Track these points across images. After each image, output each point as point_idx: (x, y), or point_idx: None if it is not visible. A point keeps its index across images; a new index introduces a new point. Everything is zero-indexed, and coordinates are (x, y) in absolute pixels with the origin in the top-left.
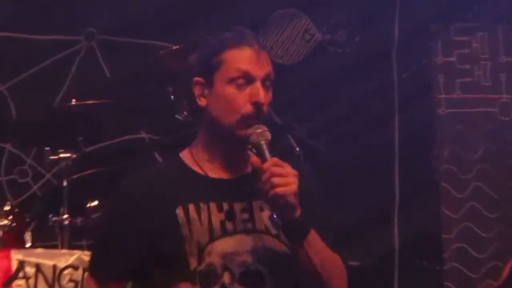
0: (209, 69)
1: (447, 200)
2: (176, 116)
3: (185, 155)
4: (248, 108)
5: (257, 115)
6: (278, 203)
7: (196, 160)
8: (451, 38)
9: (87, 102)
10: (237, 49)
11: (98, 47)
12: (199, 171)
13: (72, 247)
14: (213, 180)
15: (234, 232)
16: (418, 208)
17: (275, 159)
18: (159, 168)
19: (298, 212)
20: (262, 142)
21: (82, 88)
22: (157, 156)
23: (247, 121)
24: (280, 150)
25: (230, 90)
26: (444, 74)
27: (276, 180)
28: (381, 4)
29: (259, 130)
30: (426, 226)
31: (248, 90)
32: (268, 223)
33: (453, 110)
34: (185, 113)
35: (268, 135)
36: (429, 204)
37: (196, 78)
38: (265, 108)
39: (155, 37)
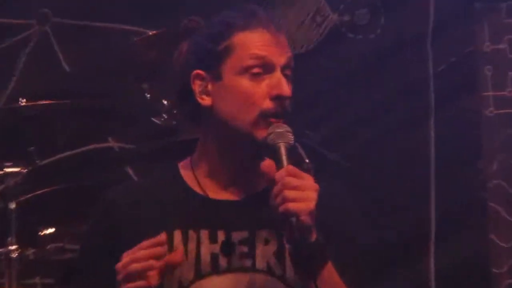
0: (214, 58)
1: (497, 225)
2: (153, 119)
3: (183, 167)
4: (268, 104)
5: (280, 113)
6: (289, 222)
7: (196, 174)
8: (501, 19)
9: (40, 102)
10: (250, 31)
11: (53, 33)
12: (197, 188)
13: (22, 286)
14: (212, 202)
15: (228, 269)
16: (459, 235)
17: (291, 168)
18: (152, 179)
19: (313, 237)
20: (281, 145)
21: (33, 84)
22: (129, 170)
23: (268, 119)
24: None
25: (245, 82)
26: (493, 65)
27: (289, 193)
28: None
29: (279, 130)
30: (471, 258)
31: (266, 81)
32: (273, 260)
33: (503, 110)
34: (165, 116)
35: (291, 138)
36: (474, 230)
37: (196, 71)
38: (289, 101)
39: (125, 20)
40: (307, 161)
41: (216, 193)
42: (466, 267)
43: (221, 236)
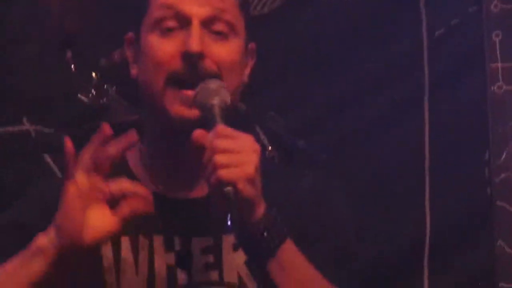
0: (136, 15)
1: (507, 229)
2: (80, 96)
3: (132, 156)
4: (177, 63)
5: (192, 77)
6: (223, 195)
7: (146, 166)
8: None
9: None
10: None
11: None
12: (147, 183)
13: None
14: (166, 200)
15: (189, 286)
16: (461, 242)
17: (221, 127)
18: None
19: (260, 210)
20: (215, 102)
21: None
22: (48, 159)
23: (179, 85)
24: None
25: (154, 38)
26: (502, 30)
27: (220, 158)
28: None
29: (211, 85)
30: (475, 269)
31: (180, 36)
32: (244, 271)
33: None
34: (94, 92)
35: (226, 94)
36: (478, 236)
37: (128, 35)
38: (208, 62)
39: None
40: (269, 148)
41: (172, 190)
42: (470, 279)
43: (178, 243)
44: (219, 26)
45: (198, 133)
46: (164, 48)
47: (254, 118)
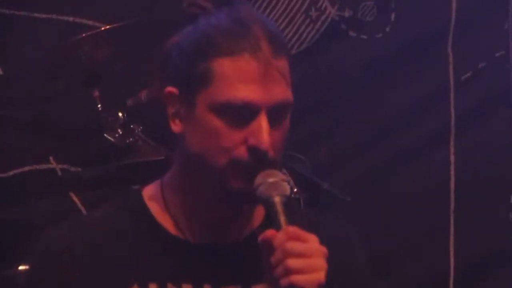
0: (189, 79)
1: None
2: (107, 136)
3: (151, 197)
4: (242, 152)
5: (257, 166)
6: None
7: (168, 208)
8: None
9: None
10: (233, 58)
11: None
12: (171, 229)
13: None
14: (193, 246)
15: None
16: (484, 282)
17: (292, 229)
18: (109, 213)
19: None
20: (276, 199)
21: None
22: (74, 198)
23: (243, 168)
24: None
25: (218, 123)
26: None
27: (293, 263)
28: None
29: (271, 179)
30: None
31: (246, 126)
32: None
33: None
34: (120, 131)
35: (286, 188)
36: (502, 276)
37: (169, 89)
38: (271, 153)
39: (67, 10)
40: (295, 190)
41: (197, 236)
42: None
43: None
44: (280, 114)
45: (269, 233)
46: (231, 137)
47: (285, 162)
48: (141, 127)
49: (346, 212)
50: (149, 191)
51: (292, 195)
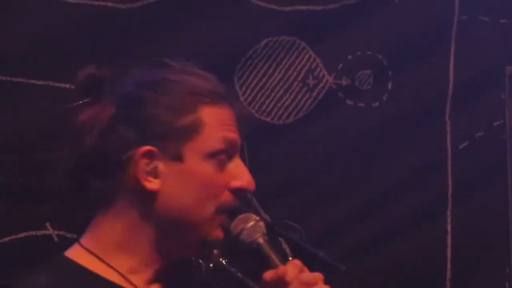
0: (175, 133)
1: None
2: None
3: (88, 261)
4: (227, 197)
5: (238, 209)
6: None
7: (115, 267)
8: None
9: None
10: (217, 107)
11: None
12: (119, 281)
13: None
14: None
15: None
16: None
17: (298, 262)
18: (52, 281)
19: None
20: (261, 240)
21: None
22: None
23: (222, 216)
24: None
25: (210, 169)
26: None
27: None
28: (431, 31)
29: (250, 223)
30: None
31: (227, 168)
32: None
33: None
34: None
35: (263, 226)
36: None
37: (148, 148)
38: (248, 198)
39: (58, 76)
40: (290, 259)
41: (146, 282)
42: None
43: None
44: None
45: (279, 271)
46: (217, 182)
47: (276, 229)
48: None
49: (340, 281)
50: (79, 257)
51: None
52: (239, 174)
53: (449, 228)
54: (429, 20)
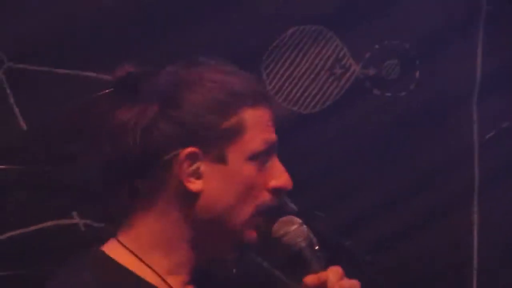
0: (217, 135)
1: None
2: None
3: (123, 259)
4: (265, 197)
5: (275, 210)
6: None
7: (154, 268)
8: None
9: None
10: (258, 108)
11: (7, 80)
12: (157, 283)
13: None
14: None
15: None
16: None
17: (339, 269)
18: (96, 278)
19: None
20: (303, 244)
21: None
22: None
23: (259, 217)
24: None
25: (253, 170)
26: None
27: None
28: (459, 20)
29: (293, 227)
30: None
31: (267, 168)
32: None
33: None
34: None
35: (305, 230)
36: None
37: (191, 149)
38: (286, 199)
39: (93, 66)
40: (317, 248)
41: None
42: None
43: None
44: None
45: (321, 276)
46: (258, 182)
47: (304, 219)
48: None
49: (366, 271)
50: (113, 251)
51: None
52: (278, 174)
53: (475, 218)
54: (456, 9)
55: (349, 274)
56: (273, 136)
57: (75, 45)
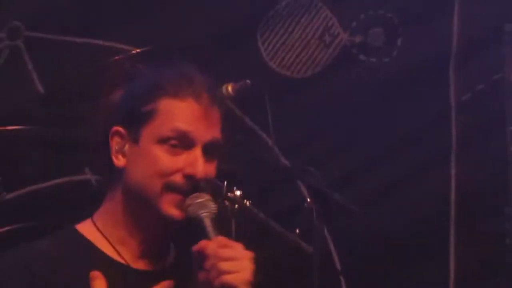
0: (135, 119)
1: None
2: None
3: (88, 231)
4: (178, 178)
5: (190, 191)
6: None
7: (108, 239)
8: None
9: (9, 127)
10: (178, 99)
11: (25, 48)
12: (116, 256)
13: None
14: (137, 272)
15: None
16: None
17: (221, 238)
18: (53, 246)
19: None
20: (204, 214)
21: (1, 107)
22: None
23: (175, 192)
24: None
25: (160, 152)
26: None
27: (224, 265)
28: None
29: (199, 200)
30: None
31: (184, 156)
32: None
33: None
34: None
35: (213, 207)
36: None
37: (116, 128)
38: (203, 183)
39: (109, 35)
40: (308, 201)
41: (135, 262)
42: None
43: None
44: (213, 151)
45: (202, 244)
46: (168, 164)
47: (296, 174)
48: None
49: (354, 222)
50: (84, 228)
51: (306, 205)
52: (192, 163)
53: (453, 172)
54: None
55: (339, 223)
56: (184, 127)
57: (87, 15)
